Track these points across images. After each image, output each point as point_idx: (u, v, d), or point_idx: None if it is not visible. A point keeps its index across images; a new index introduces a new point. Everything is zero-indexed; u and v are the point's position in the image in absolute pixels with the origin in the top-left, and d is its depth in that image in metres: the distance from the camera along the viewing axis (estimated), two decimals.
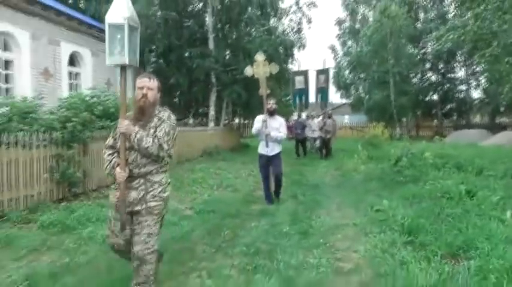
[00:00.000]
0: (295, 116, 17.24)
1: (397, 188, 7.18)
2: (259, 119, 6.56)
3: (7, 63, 9.98)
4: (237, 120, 29.05)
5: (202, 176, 9.28)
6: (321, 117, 15.19)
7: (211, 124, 16.46)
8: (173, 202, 6.55)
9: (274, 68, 6.91)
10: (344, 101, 32.51)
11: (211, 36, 15.88)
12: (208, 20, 16.12)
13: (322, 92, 16.08)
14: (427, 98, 26.81)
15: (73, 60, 12.39)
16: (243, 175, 10.08)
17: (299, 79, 15.95)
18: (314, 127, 14.70)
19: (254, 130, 6.64)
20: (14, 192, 5.43)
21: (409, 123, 27.50)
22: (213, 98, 16.67)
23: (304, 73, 16.42)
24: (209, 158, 13.06)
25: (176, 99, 18.48)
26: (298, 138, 14.45)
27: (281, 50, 17.02)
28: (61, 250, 4.20)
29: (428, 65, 25.80)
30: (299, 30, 17.95)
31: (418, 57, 24.20)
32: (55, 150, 6.15)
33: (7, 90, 9.98)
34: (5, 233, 4.54)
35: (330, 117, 14.57)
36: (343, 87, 27.93)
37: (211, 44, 15.84)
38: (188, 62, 15.96)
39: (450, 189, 6.30)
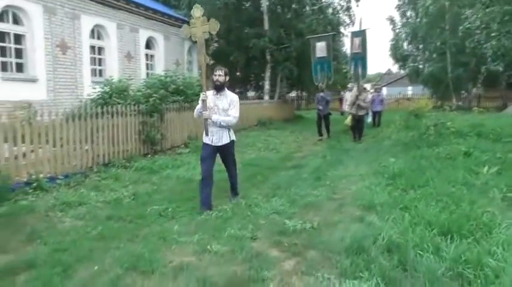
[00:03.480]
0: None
1: (412, 151, 8.48)
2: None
3: (100, 50, 12.52)
4: (294, 93, 30.67)
5: (253, 141, 11.19)
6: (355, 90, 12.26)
7: (266, 97, 18.26)
8: None
9: (214, 26, 5.14)
10: (402, 72, 32.42)
11: (266, 17, 17.45)
12: (263, 2, 17.66)
13: (357, 59, 12.78)
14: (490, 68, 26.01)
15: (148, 44, 14.76)
16: (288, 140, 11.86)
17: (320, 46, 13.51)
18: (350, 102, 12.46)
19: (195, 112, 4.94)
20: (116, 147, 7.69)
21: (469, 94, 27.00)
22: (267, 73, 18.39)
23: (326, 39, 13.93)
24: (262, 127, 14.93)
25: (237, 74, 20.46)
26: (320, 114, 12.38)
27: (329, 28, 18.05)
28: (151, 182, 6.35)
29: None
30: (348, 8, 18.80)
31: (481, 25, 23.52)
32: (141, 118, 8.33)
33: (100, 71, 12.58)
34: (114, 173, 6.80)
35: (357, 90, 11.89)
36: (401, 59, 28.01)
37: (266, 25, 17.43)
38: (245, 41, 17.77)
39: (453, 151, 7.56)
